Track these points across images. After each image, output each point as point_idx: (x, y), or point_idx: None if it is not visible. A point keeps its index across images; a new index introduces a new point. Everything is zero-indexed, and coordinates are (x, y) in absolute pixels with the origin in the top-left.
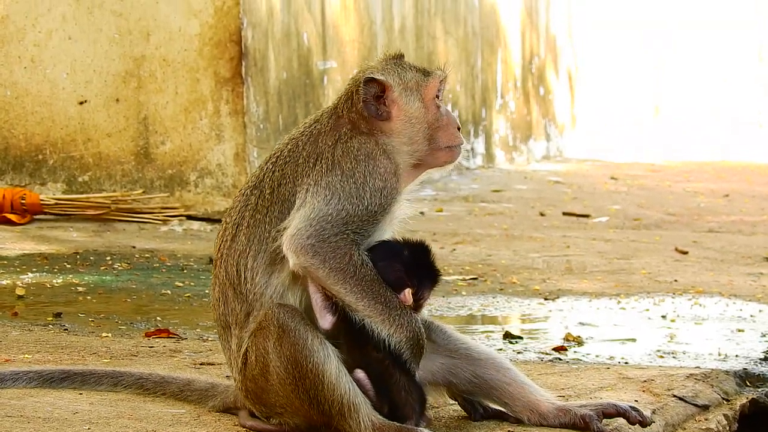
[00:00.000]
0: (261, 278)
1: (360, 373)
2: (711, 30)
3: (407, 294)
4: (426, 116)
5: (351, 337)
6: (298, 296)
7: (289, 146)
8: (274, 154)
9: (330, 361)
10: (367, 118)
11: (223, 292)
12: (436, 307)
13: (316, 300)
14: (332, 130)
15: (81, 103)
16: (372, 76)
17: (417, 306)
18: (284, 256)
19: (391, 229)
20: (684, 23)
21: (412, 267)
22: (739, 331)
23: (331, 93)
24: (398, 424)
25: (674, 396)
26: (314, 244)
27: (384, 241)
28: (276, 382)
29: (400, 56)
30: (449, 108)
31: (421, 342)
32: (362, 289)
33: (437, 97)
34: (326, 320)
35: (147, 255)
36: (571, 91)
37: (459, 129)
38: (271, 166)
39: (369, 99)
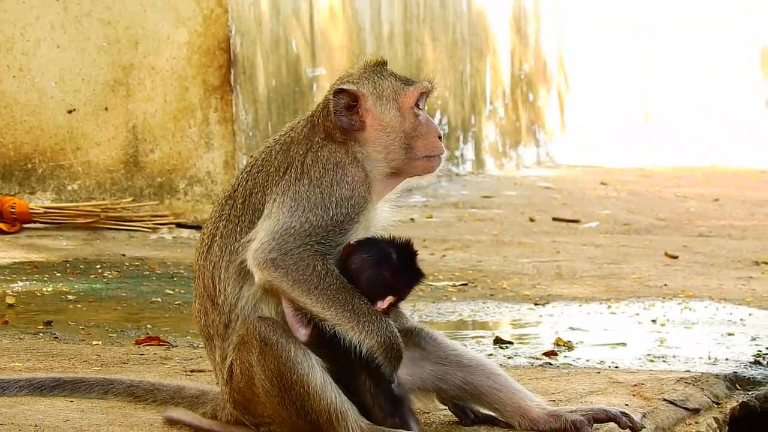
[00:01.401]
0: (233, 289)
1: None
2: (700, 25)
3: (387, 301)
4: (402, 125)
5: (322, 343)
6: (272, 307)
7: (263, 155)
8: (250, 162)
9: (314, 372)
10: (341, 128)
11: (202, 304)
12: (426, 313)
13: (288, 313)
14: (305, 139)
15: (70, 111)
16: (342, 87)
17: (398, 301)
18: None
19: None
20: (672, 18)
21: (399, 270)
22: (729, 334)
23: (321, 100)
24: (388, 429)
25: (664, 400)
26: (276, 258)
27: (371, 242)
28: (262, 394)
29: (382, 63)
30: (438, 116)
31: (395, 346)
32: (327, 298)
33: (417, 106)
34: (300, 333)
35: (137, 263)
36: (560, 97)
37: (440, 138)
38: (245, 175)
39: (340, 110)
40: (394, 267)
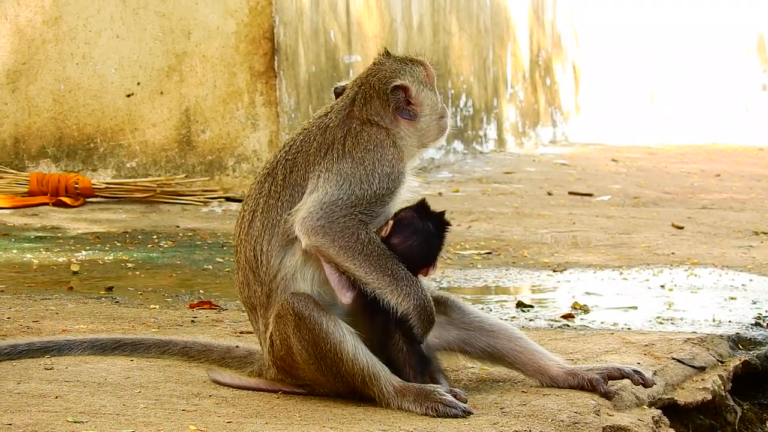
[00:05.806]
0: (275, 260)
1: None
2: (701, 15)
3: (431, 270)
4: (437, 104)
5: (361, 305)
6: (309, 276)
7: (301, 137)
8: (288, 143)
9: (346, 340)
10: (380, 115)
11: (245, 276)
12: (454, 279)
13: (334, 279)
14: (342, 124)
15: (128, 95)
16: (397, 83)
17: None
18: (296, 238)
19: (398, 206)
20: (676, 8)
21: (438, 243)
22: (732, 299)
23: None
24: (418, 385)
25: (673, 358)
26: (324, 225)
27: (411, 222)
28: (300, 361)
29: (387, 52)
30: (463, 99)
31: (428, 309)
32: (370, 263)
33: None
34: (347, 296)
35: (190, 234)
36: (575, 81)
37: None
38: (284, 155)
39: (401, 105)
40: (434, 242)
